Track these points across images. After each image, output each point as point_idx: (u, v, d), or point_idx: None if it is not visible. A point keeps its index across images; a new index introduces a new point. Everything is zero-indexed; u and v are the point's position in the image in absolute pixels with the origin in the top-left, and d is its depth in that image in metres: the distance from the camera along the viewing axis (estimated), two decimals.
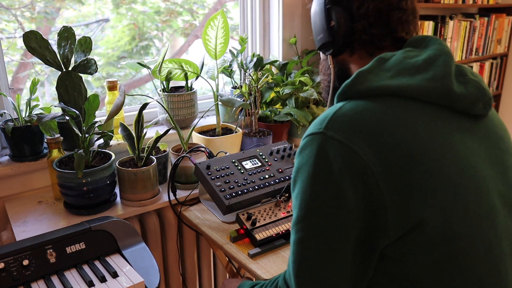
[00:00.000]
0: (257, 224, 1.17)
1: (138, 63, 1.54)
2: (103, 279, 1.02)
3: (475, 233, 0.66)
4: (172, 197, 1.39)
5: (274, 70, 1.91)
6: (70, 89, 1.30)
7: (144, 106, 1.33)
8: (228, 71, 1.77)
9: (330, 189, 0.66)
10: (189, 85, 1.68)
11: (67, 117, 1.28)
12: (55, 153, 1.32)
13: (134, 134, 1.34)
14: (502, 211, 0.71)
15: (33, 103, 1.40)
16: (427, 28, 2.47)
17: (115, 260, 1.10)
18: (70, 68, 1.30)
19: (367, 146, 0.65)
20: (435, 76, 0.70)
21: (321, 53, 0.92)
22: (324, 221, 0.67)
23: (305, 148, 0.70)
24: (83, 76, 1.32)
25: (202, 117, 1.66)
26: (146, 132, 1.37)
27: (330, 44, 0.84)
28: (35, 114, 1.40)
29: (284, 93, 1.72)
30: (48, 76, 1.66)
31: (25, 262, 1.01)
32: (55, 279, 1.02)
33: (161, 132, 1.39)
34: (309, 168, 0.68)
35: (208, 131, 1.66)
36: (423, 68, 0.71)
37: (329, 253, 0.67)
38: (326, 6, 0.83)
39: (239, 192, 1.22)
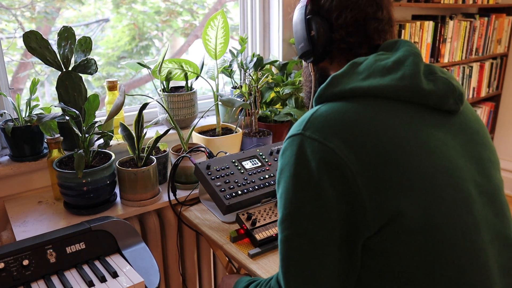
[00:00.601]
0: (257, 224, 1.17)
1: (138, 63, 1.54)
2: (103, 279, 1.02)
3: (453, 222, 0.69)
4: (172, 197, 1.39)
5: (274, 70, 1.91)
6: (70, 89, 1.30)
7: (144, 106, 1.33)
8: (228, 71, 1.77)
9: (310, 187, 0.69)
10: (189, 85, 1.68)
11: (67, 117, 1.28)
12: (55, 153, 1.32)
13: (134, 134, 1.34)
14: (479, 200, 0.73)
15: (33, 103, 1.40)
16: (427, 28, 2.47)
17: (115, 260, 1.10)
18: (70, 68, 1.29)
19: (342, 143, 0.68)
20: (404, 75, 0.73)
21: (303, 60, 0.96)
22: (307, 219, 0.70)
23: (286, 149, 0.74)
24: (83, 76, 1.32)
25: (202, 117, 1.66)
26: (146, 132, 1.37)
27: (311, 53, 0.89)
28: (35, 114, 1.40)
29: (284, 93, 1.72)
30: (48, 76, 1.66)
31: (25, 262, 1.01)
32: (55, 279, 1.02)
33: (161, 132, 1.39)
34: (290, 168, 0.72)
35: (208, 131, 1.66)
36: (393, 68, 0.75)
37: (314, 250, 0.69)
38: (306, 17, 0.88)
39: (239, 192, 1.22)
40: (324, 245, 0.69)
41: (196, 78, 1.69)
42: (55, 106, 1.37)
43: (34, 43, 1.23)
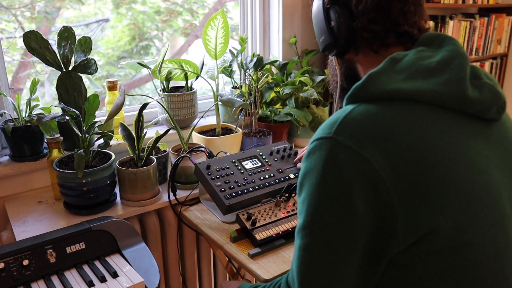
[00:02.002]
0: (257, 224, 1.17)
1: (138, 63, 1.54)
2: (103, 279, 1.02)
3: (486, 241, 0.65)
4: (172, 197, 1.39)
5: (274, 70, 1.91)
6: (70, 89, 1.30)
7: (144, 106, 1.33)
8: (228, 71, 1.77)
9: (338, 196, 0.64)
10: (189, 85, 1.68)
11: (67, 117, 1.28)
12: (55, 153, 1.32)
13: (134, 134, 1.34)
14: None
15: (33, 103, 1.40)
16: None
17: (115, 260, 1.10)
18: (70, 68, 1.30)
19: (378, 153, 0.63)
20: (450, 80, 0.68)
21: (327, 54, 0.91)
22: (331, 228, 0.65)
23: (314, 152, 0.68)
24: (84, 76, 1.32)
25: (202, 117, 1.66)
26: (146, 132, 1.37)
27: (333, 45, 0.82)
28: (35, 114, 1.40)
29: (284, 93, 1.72)
30: (49, 75, 1.66)
31: (25, 262, 1.01)
32: (55, 279, 1.02)
33: (161, 132, 1.39)
34: (317, 174, 0.66)
35: (208, 131, 1.66)
36: (437, 71, 0.69)
37: (335, 260, 0.66)
38: (325, 7, 0.81)
39: (239, 192, 1.22)
40: (346, 256, 0.65)
41: (196, 78, 1.69)
42: (55, 106, 1.37)
43: (34, 43, 1.23)
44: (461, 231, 0.64)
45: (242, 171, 1.30)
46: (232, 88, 1.85)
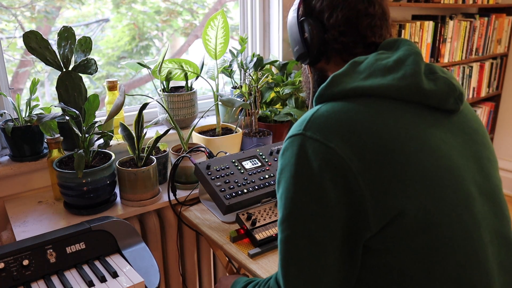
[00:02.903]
0: (257, 224, 1.17)
1: (138, 63, 1.54)
2: (103, 279, 1.02)
3: (454, 221, 0.69)
4: (172, 197, 1.39)
5: (274, 70, 1.91)
6: (70, 89, 1.30)
7: (144, 106, 1.33)
8: (228, 71, 1.77)
9: (311, 187, 0.69)
10: (189, 85, 1.68)
11: (67, 117, 1.28)
12: (55, 153, 1.32)
13: (134, 134, 1.34)
14: (479, 200, 0.73)
15: (33, 103, 1.40)
16: (427, 28, 2.47)
17: (115, 260, 1.10)
18: (70, 68, 1.30)
19: (343, 143, 0.68)
20: (405, 74, 0.73)
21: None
22: (308, 219, 0.69)
23: (287, 149, 0.73)
24: (84, 76, 1.32)
25: (202, 117, 1.66)
26: (146, 132, 1.37)
27: (306, 55, 0.89)
28: (35, 114, 1.40)
29: (284, 93, 1.72)
30: (50, 75, 1.66)
31: (25, 262, 1.01)
32: (55, 279, 1.02)
33: (161, 132, 1.39)
34: (290, 168, 0.71)
35: (208, 131, 1.66)
36: (394, 68, 0.74)
37: (315, 250, 0.69)
38: (299, 19, 0.88)
39: (239, 192, 1.22)
40: (325, 245, 0.69)
41: (196, 78, 1.69)
42: (55, 106, 1.37)
43: (34, 43, 1.23)
44: (427, 212, 0.67)
45: (242, 171, 1.30)
46: (232, 88, 1.85)
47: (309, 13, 0.86)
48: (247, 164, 1.33)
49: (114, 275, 1.03)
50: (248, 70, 1.73)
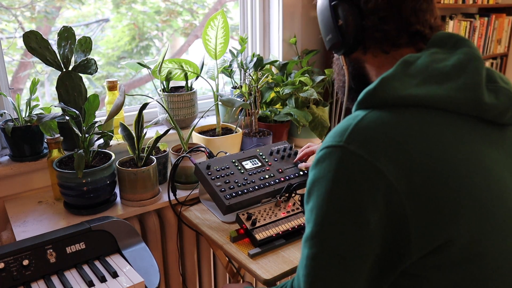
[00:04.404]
0: (257, 224, 1.17)
1: (138, 63, 1.54)
2: (103, 279, 1.02)
3: (501, 252, 0.64)
4: (172, 197, 1.39)
5: (274, 70, 1.91)
6: (70, 89, 1.29)
7: (144, 106, 1.33)
8: (228, 71, 1.77)
9: (349, 207, 0.62)
10: (189, 85, 1.68)
11: (67, 117, 1.28)
12: (55, 153, 1.32)
13: (134, 134, 1.34)
14: None
15: (33, 103, 1.40)
16: None
17: (115, 260, 1.10)
18: (70, 68, 1.29)
19: (391, 163, 0.61)
20: (466, 85, 0.65)
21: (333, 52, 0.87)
22: (341, 239, 0.63)
23: (323, 160, 0.65)
24: (84, 75, 1.32)
25: (202, 117, 1.66)
26: (146, 132, 1.37)
27: (341, 45, 0.79)
28: (35, 114, 1.40)
29: (284, 93, 1.72)
30: (49, 75, 1.66)
31: (25, 262, 1.01)
32: (55, 279, 1.02)
33: (161, 132, 1.39)
34: (327, 183, 0.64)
35: (208, 131, 1.66)
36: (452, 75, 0.66)
37: (344, 271, 0.64)
38: (331, 3, 0.77)
39: (239, 192, 1.22)
40: (354, 268, 0.64)
41: (196, 78, 1.69)
42: (55, 106, 1.37)
43: (34, 43, 1.23)
44: (476, 242, 0.62)
45: (242, 171, 1.30)
46: (232, 88, 1.85)
47: None
48: (247, 164, 1.33)
49: (114, 275, 1.03)
50: (248, 70, 1.73)
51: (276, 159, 1.38)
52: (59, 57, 1.27)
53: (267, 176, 1.31)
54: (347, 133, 0.64)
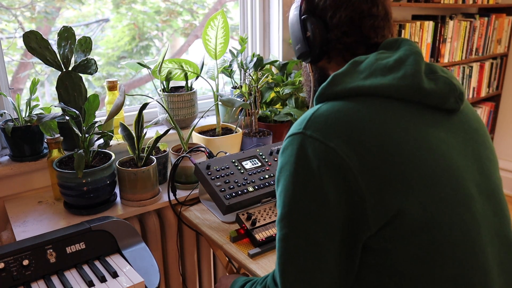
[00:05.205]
0: (257, 224, 1.17)
1: (138, 63, 1.54)
2: (103, 279, 1.02)
3: (453, 221, 0.69)
4: (172, 197, 1.39)
5: (274, 70, 1.91)
6: (70, 89, 1.29)
7: (144, 106, 1.33)
8: (228, 71, 1.77)
9: (310, 186, 0.69)
10: (189, 85, 1.68)
11: (67, 117, 1.28)
12: (55, 153, 1.32)
13: (134, 134, 1.35)
14: (479, 199, 0.73)
15: (33, 103, 1.40)
16: (427, 28, 2.47)
17: (115, 260, 1.10)
18: (70, 68, 1.29)
19: (343, 143, 0.68)
20: (406, 74, 0.73)
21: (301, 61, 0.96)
22: (307, 217, 0.69)
23: (287, 148, 0.73)
24: (84, 76, 1.32)
25: (202, 117, 1.66)
26: (146, 132, 1.37)
27: (308, 54, 0.88)
28: (35, 114, 1.40)
29: (284, 93, 1.72)
30: (49, 76, 1.66)
31: (25, 262, 1.01)
32: (55, 279, 1.02)
33: (161, 132, 1.39)
34: (290, 167, 0.71)
35: (208, 131, 1.66)
36: (394, 67, 0.74)
37: (313, 249, 0.69)
38: (301, 17, 0.87)
39: (239, 192, 1.22)
40: (323, 244, 0.69)
41: (196, 78, 1.69)
42: (55, 106, 1.37)
43: (34, 43, 1.23)
44: (426, 211, 0.67)
45: (242, 171, 1.30)
46: (232, 88, 1.85)
47: (312, 11, 0.85)
48: (247, 164, 1.33)
49: (114, 275, 1.03)
50: (248, 70, 1.73)
51: (276, 159, 1.38)
52: (59, 57, 1.27)
53: (267, 176, 1.31)
54: (305, 122, 0.72)
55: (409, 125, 0.71)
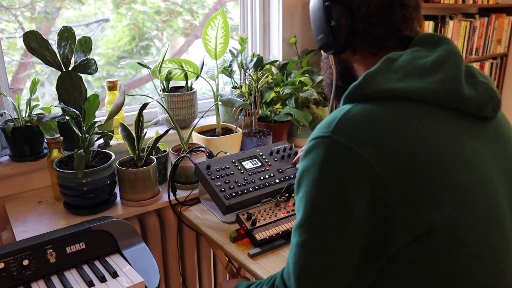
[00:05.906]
0: (257, 224, 1.17)
1: (138, 63, 1.54)
2: (103, 279, 1.02)
3: (482, 237, 0.66)
4: (172, 197, 1.39)
5: (274, 70, 1.91)
6: (70, 89, 1.29)
7: (144, 106, 1.33)
8: (228, 71, 1.77)
9: (335, 195, 0.65)
10: (189, 85, 1.68)
11: (67, 117, 1.28)
12: (55, 153, 1.32)
13: (134, 134, 1.34)
14: (509, 215, 0.70)
15: (33, 103, 1.40)
16: (427, 28, 2.47)
17: (115, 260, 1.10)
18: (70, 68, 1.29)
19: (375, 151, 0.63)
20: (445, 78, 0.68)
21: (322, 51, 0.89)
22: (328, 226, 0.66)
23: (311, 151, 0.68)
24: (84, 76, 1.32)
25: (202, 117, 1.66)
26: (146, 132, 1.37)
27: (331, 45, 0.82)
28: (35, 114, 1.40)
29: (284, 93, 1.72)
30: (49, 76, 1.66)
31: (25, 262, 1.01)
32: (55, 279, 1.02)
33: (161, 132, 1.39)
34: (314, 172, 0.67)
35: (208, 131, 1.66)
36: (432, 69, 0.69)
37: (332, 258, 0.66)
38: (325, 3, 0.79)
39: (239, 192, 1.22)
40: (342, 254, 0.66)
41: (196, 78, 1.69)
42: (55, 106, 1.37)
43: (34, 43, 1.23)
44: (457, 226, 0.64)
45: (242, 171, 1.30)
46: (232, 88, 1.85)
47: None
48: (247, 164, 1.33)
49: (114, 275, 1.03)
50: (248, 70, 1.73)
51: (276, 159, 1.38)
52: (59, 57, 1.27)
53: (267, 176, 1.31)
54: (334, 125, 0.67)
55: (444, 133, 0.67)
